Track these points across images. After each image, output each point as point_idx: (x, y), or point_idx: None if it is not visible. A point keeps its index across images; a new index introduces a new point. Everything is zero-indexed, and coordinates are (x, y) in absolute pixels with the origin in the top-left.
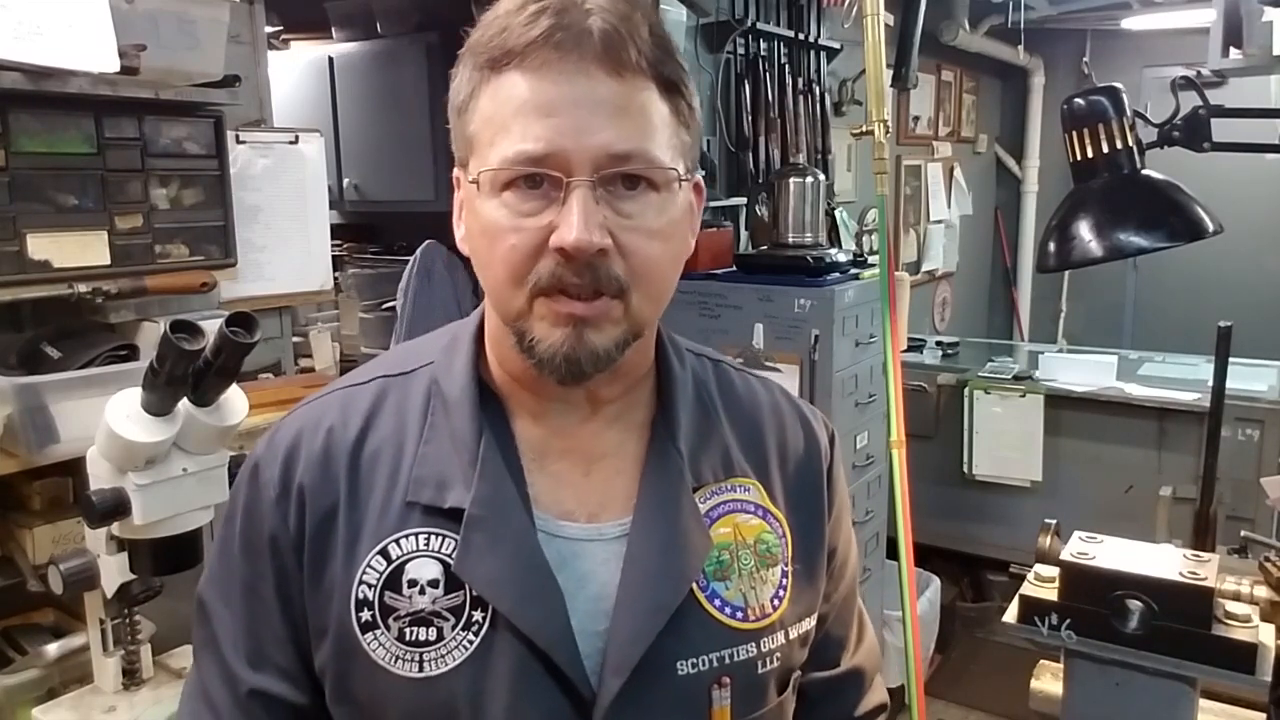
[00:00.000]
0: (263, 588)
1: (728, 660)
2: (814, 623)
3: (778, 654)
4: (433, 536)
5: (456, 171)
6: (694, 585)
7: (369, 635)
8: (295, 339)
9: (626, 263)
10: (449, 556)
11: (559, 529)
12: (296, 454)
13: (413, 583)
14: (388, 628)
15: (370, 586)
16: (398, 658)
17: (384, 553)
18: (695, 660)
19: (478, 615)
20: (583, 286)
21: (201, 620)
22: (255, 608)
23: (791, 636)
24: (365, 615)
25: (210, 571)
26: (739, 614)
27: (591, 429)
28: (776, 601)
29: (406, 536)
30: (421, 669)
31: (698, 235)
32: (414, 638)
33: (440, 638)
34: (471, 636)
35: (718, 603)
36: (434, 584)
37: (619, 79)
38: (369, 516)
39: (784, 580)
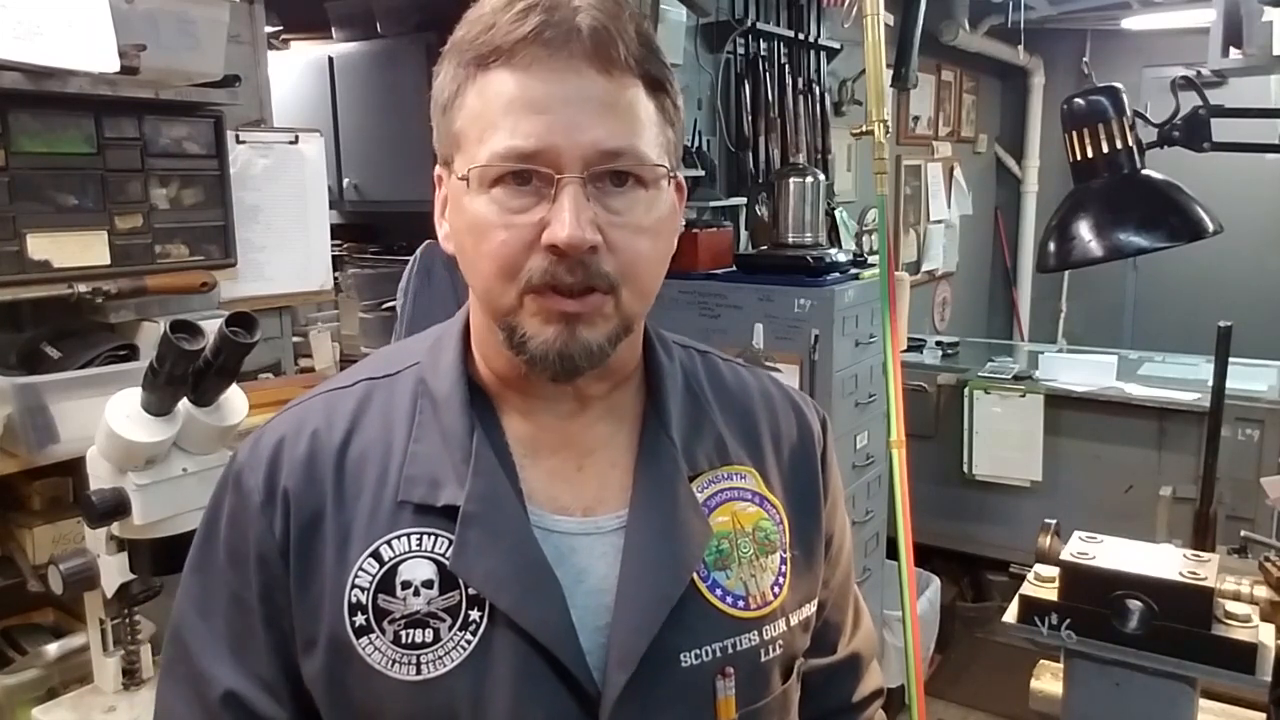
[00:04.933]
0: (247, 597)
1: (731, 650)
2: (814, 608)
3: (780, 641)
4: (425, 536)
5: (438, 170)
6: (695, 575)
7: (364, 640)
8: (295, 339)
9: (616, 259)
10: (443, 556)
11: (554, 524)
12: (280, 459)
13: (406, 584)
14: (382, 631)
15: (363, 590)
16: (394, 661)
17: (376, 555)
18: (699, 651)
19: (475, 614)
20: (574, 284)
21: (174, 639)
22: (238, 617)
23: (793, 623)
24: (359, 619)
25: (186, 587)
26: (740, 603)
27: (582, 423)
28: (777, 589)
29: (398, 537)
30: (419, 671)
31: (700, 236)
32: (410, 640)
33: (437, 639)
34: (469, 636)
35: (719, 592)
36: (428, 584)
37: (608, 76)
38: (358, 519)
39: (783, 567)
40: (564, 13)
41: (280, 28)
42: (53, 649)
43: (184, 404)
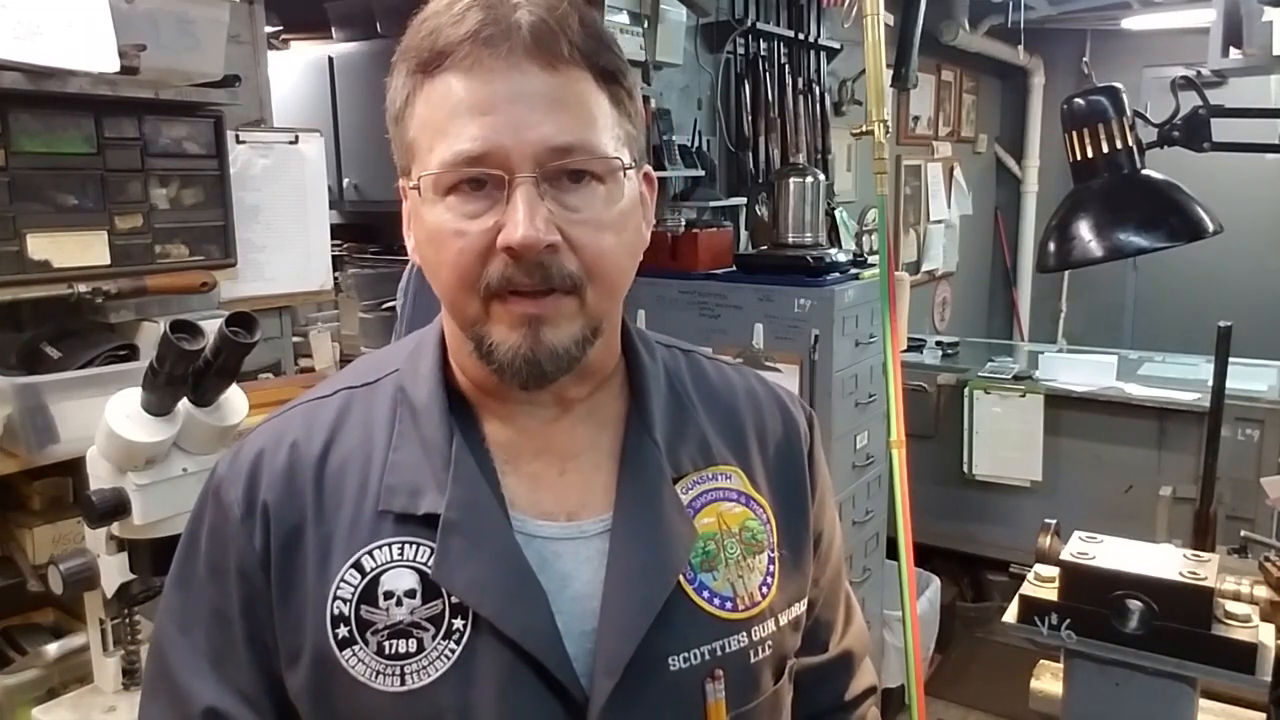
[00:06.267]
0: (229, 611)
1: (719, 652)
2: (804, 607)
3: (769, 642)
4: (407, 545)
5: (400, 181)
6: (681, 578)
7: (347, 651)
8: (295, 339)
9: (579, 258)
10: (425, 565)
11: (537, 529)
12: (259, 472)
13: (389, 594)
14: (366, 642)
15: (345, 601)
16: (378, 673)
17: (358, 566)
18: (687, 655)
19: (458, 623)
20: (534, 285)
21: (155, 655)
22: (219, 632)
23: (782, 623)
24: (342, 631)
25: (167, 602)
26: (728, 604)
27: (563, 427)
28: (765, 589)
29: (380, 547)
30: (403, 682)
31: (700, 236)
32: (394, 651)
33: (421, 649)
34: (453, 645)
35: (706, 594)
36: (411, 594)
37: (553, 71)
38: (339, 530)
39: (771, 567)
40: (503, 10)
41: (280, 28)
42: (53, 649)
43: (184, 404)
